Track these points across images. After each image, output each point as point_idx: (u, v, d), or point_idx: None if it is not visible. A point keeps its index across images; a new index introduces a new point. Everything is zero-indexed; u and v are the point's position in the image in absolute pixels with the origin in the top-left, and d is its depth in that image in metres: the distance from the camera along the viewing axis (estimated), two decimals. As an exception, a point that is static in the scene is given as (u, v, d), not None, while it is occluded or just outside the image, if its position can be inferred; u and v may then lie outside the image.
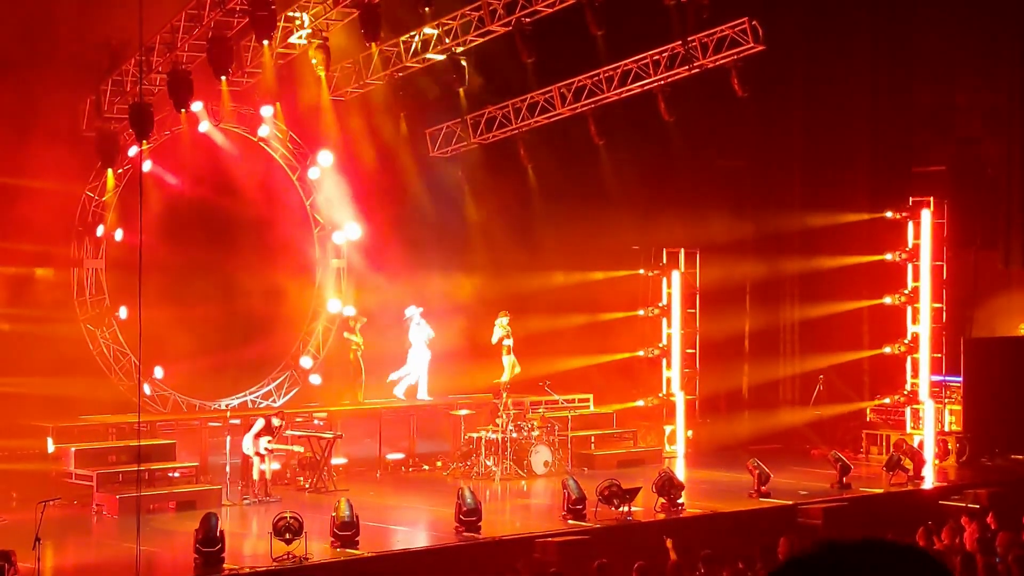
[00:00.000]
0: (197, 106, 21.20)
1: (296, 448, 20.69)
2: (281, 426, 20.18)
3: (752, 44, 21.09)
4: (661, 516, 18.62)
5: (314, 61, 21.27)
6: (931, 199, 25.00)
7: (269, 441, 19.84)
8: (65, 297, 21.10)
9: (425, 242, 24.34)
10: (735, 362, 27.08)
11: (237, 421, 20.80)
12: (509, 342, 23.33)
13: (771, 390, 26.90)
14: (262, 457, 19.78)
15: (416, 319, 23.51)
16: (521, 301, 24.34)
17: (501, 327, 23.30)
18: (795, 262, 26.49)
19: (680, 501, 18.93)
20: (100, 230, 21.17)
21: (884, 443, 24.40)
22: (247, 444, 19.83)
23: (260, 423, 19.97)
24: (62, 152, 20.10)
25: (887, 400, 25.09)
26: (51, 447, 19.69)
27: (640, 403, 24.24)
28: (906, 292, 25.08)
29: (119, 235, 21.19)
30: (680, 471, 22.43)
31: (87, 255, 21.25)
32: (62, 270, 21.18)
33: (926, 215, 24.98)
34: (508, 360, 23.32)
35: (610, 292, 25.94)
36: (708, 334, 26.20)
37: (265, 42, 20.25)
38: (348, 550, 16.08)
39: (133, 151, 20.65)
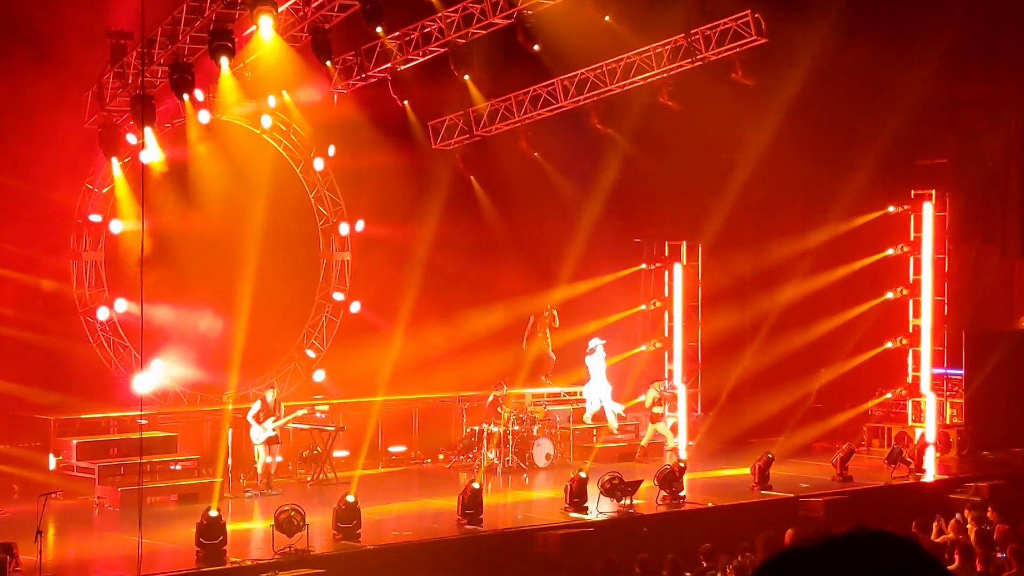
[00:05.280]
0: (199, 97, 21.15)
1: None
2: (276, 399, 20.14)
3: (755, 36, 21.05)
4: (662, 509, 18.62)
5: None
6: (933, 192, 24.97)
7: (274, 420, 19.82)
8: (64, 290, 21.05)
9: (426, 238, 24.26)
10: (738, 355, 26.99)
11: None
12: (660, 409, 23.37)
13: (773, 384, 26.80)
14: (270, 445, 19.75)
15: (599, 351, 23.56)
16: (520, 299, 24.32)
17: (655, 391, 23.33)
18: (796, 262, 26.33)
19: (682, 494, 18.94)
20: (99, 221, 21.11)
21: (886, 436, 24.38)
22: (256, 433, 19.79)
23: (256, 404, 19.95)
24: (62, 145, 20.05)
25: (888, 395, 25.06)
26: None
27: (642, 398, 24.20)
28: (908, 285, 25.07)
29: (118, 227, 21.14)
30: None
31: (86, 247, 21.21)
32: (61, 263, 21.10)
33: (928, 208, 24.95)
34: (660, 426, 23.36)
35: (613, 289, 25.86)
36: (710, 327, 26.15)
37: (268, 32, 20.17)
38: (350, 542, 16.10)
39: (134, 142, 20.60)
